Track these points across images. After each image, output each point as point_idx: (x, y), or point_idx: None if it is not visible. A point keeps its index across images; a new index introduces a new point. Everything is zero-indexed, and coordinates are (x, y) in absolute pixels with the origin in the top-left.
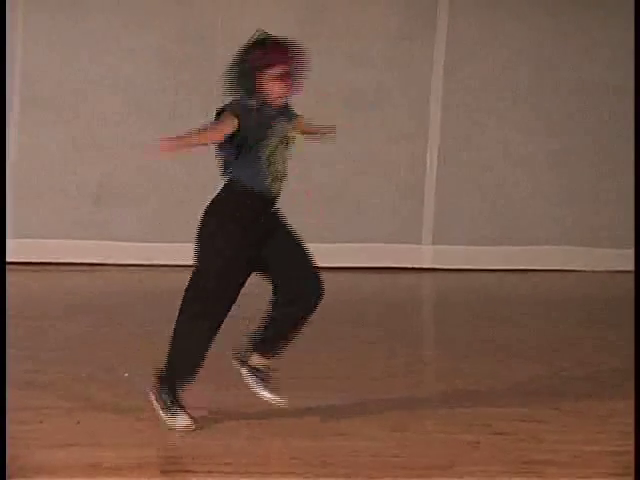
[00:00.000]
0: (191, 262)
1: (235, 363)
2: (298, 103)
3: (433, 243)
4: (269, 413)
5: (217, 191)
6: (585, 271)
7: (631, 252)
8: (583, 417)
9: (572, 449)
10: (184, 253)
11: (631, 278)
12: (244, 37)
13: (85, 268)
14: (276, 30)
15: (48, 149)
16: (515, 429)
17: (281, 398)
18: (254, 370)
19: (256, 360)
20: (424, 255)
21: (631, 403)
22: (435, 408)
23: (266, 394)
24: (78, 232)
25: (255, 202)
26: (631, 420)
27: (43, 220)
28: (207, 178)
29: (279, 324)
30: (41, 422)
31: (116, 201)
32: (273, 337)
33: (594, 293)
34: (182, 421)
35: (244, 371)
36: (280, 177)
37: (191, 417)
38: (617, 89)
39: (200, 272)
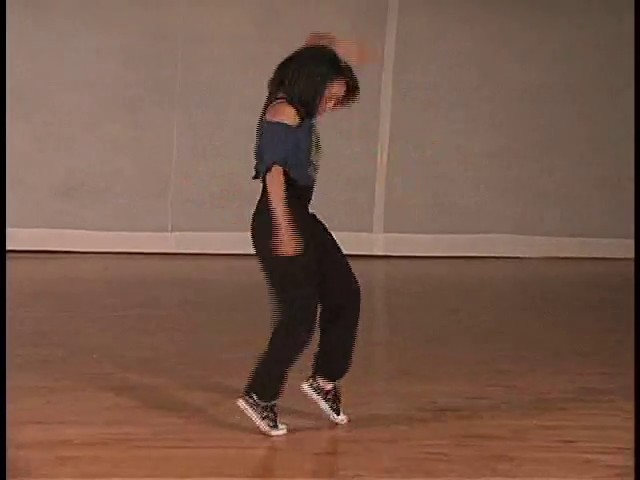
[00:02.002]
0: (153, 250)
1: (306, 388)
2: (256, 103)
3: (384, 231)
4: (231, 394)
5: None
6: (524, 257)
7: (566, 240)
8: (521, 394)
9: (510, 424)
10: (146, 242)
11: (566, 264)
12: (203, 36)
13: (58, 256)
14: (234, 31)
15: (18, 143)
16: (458, 405)
17: (343, 416)
18: (320, 390)
19: (322, 383)
20: (375, 243)
21: (562, 379)
22: (384, 387)
23: (335, 416)
24: (50, 222)
25: (302, 193)
26: (565, 396)
27: (14, 210)
28: (169, 170)
29: (334, 349)
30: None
31: (85, 193)
32: (333, 363)
33: (532, 278)
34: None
35: (313, 395)
36: (316, 165)
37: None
38: (557, 89)
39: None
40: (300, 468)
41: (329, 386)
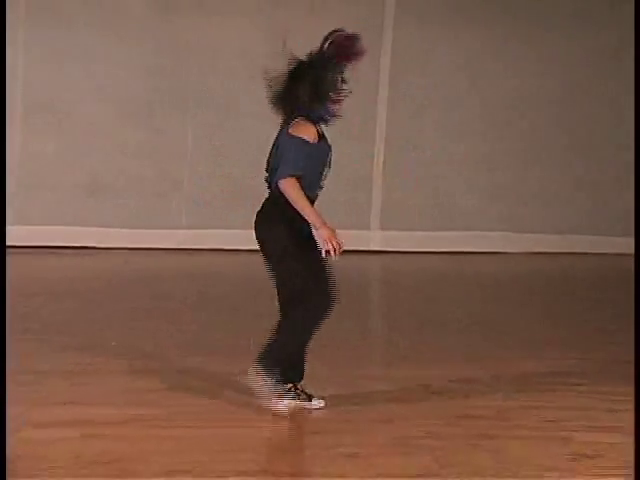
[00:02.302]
0: (168, 246)
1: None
2: (263, 111)
3: (381, 229)
4: (237, 378)
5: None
6: (510, 253)
7: (549, 236)
8: (506, 378)
9: (496, 405)
10: (162, 238)
11: (549, 258)
12: (215, 49)
13: (79, 251)
14: (243, 44)
15: (47, 149)
16: (448, 388)
17: (317, 401)
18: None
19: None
20: (372, 239)
21: (542, 364)
22: (381, 371)
23: (312, 404)
24: (73, 220)
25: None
26: (546, 379)
27: (42, 210)
28: (178, 175)
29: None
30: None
31: (106, 193)
32: (295, 367)
33: (518, 272)
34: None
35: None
36: (322, 186)
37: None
38: (541, 98)
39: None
40: (302, 445)
41: (287, 385)
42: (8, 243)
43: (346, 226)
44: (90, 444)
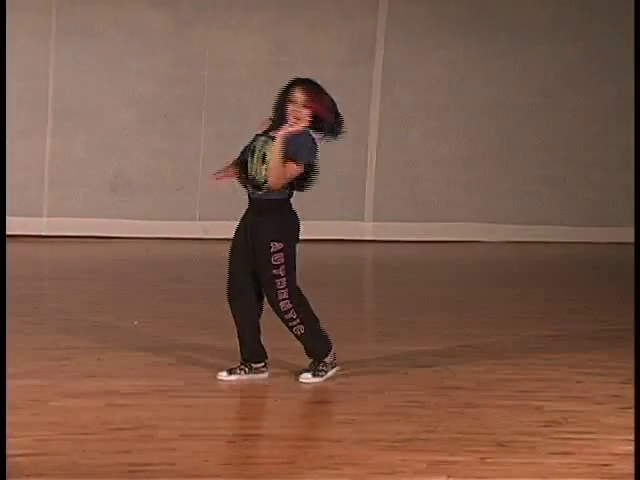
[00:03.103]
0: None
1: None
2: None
3: (373, 220)
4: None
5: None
6: (486, 241)
7: (520, 227)
8: (483, 353)
9: (475, 377)
10: (179, 229)
11: (520, 246)
12: (226, 61)
13: (104, 240)
14: (250, 58)
15: (76, 150)
16: (433, 362)
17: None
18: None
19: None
20: (366, 229)
21: (518, 341)
22: (373, 347)
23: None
24: (98, 212)
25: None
26: (521, 354)
27: (72, 203)
28: (193, 173)
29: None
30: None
31: (128, 189)
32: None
33: (493, 258)
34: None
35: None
36: (257, 178)
37: None
38: (514, 105)
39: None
40: (305, 413)
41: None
42: (42, 233)
43: (343, 218)
44: (115, 412)
